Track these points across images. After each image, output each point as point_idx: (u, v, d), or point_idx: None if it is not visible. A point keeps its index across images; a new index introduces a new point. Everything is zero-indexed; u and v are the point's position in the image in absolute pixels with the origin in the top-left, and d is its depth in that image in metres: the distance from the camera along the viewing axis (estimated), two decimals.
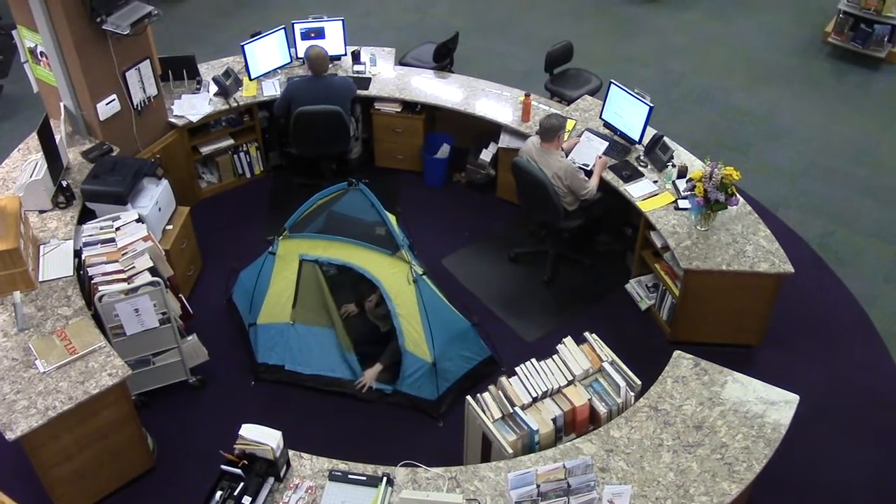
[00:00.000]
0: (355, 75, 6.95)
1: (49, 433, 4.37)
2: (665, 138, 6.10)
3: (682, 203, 5.66)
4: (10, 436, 4.21)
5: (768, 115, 7.88)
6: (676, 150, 6.10)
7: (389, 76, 7.02)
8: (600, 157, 5.98)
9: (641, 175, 5.92)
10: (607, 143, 6.17)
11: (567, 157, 5.96)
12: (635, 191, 5.81)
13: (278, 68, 6.98)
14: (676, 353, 4.64)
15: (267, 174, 7.23)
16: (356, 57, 7.06)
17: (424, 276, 5.29)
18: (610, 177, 5.93)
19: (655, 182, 5.87)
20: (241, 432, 3.93)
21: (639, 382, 4.50)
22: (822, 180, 7.16)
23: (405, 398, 5.33)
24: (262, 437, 3.90)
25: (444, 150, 7.10)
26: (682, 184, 5.77)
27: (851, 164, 7.30)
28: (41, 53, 5.79)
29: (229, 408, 5.39)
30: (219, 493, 3.82)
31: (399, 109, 6.90)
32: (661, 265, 5.74)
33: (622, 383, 4.45)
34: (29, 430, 4.25)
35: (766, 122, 7.78)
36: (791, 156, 7.40)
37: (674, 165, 5.95)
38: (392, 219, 5.45)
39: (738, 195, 5.41)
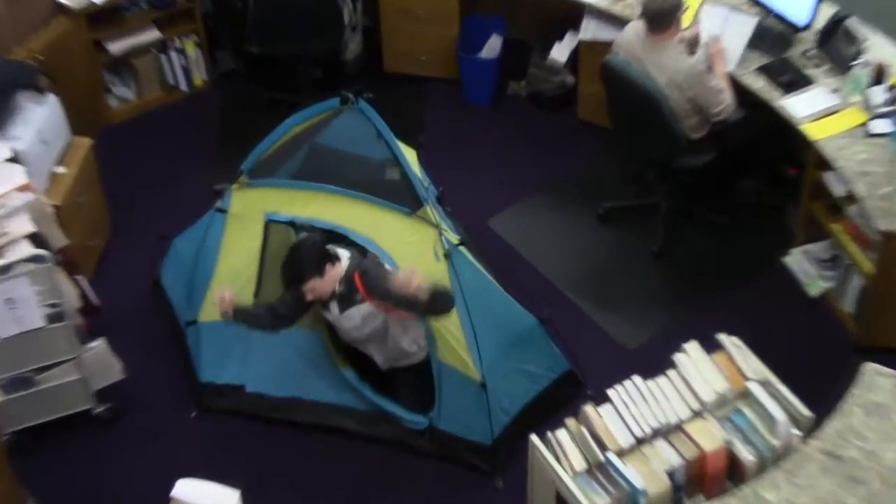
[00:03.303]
0: None
1: None
2: (850, 21, 5.98)
3: (878, 125, 5.58)
4: None
5: None
6: (869, 41, 5.98)
7: None
8: (712, 41, 5.89)
9: (810, 82, 5.86)
10: (754, 26, 6.06)
11: (693, 55, 5.90)
12: (800, 107, 5.74)
13: None
14: (869, 366, 4.56)
15: (213, 86, 7.27)
16: None
17: (463, 248, 5.28)
18: (758, 84, 5.86)
19: (835, 92, 5.80)
20: (174, 493, 3.94)
21: (808, 414, 4.44)
22: None
23: (445, 440, 5.33)
24: (208, 499, 3.91)
25: (492, 46, 7.07)
26: (878, 94, 5.68)
27: None
28: None
29: (157, 453, 5.43)
30: None
31: None
32: (844, 226, 5.69)
33: (780, 415, 4.39)
34: None
35: None
36: None
37: (865, 65, 5.84)
38: (411, 156, 5.43)
39: None
